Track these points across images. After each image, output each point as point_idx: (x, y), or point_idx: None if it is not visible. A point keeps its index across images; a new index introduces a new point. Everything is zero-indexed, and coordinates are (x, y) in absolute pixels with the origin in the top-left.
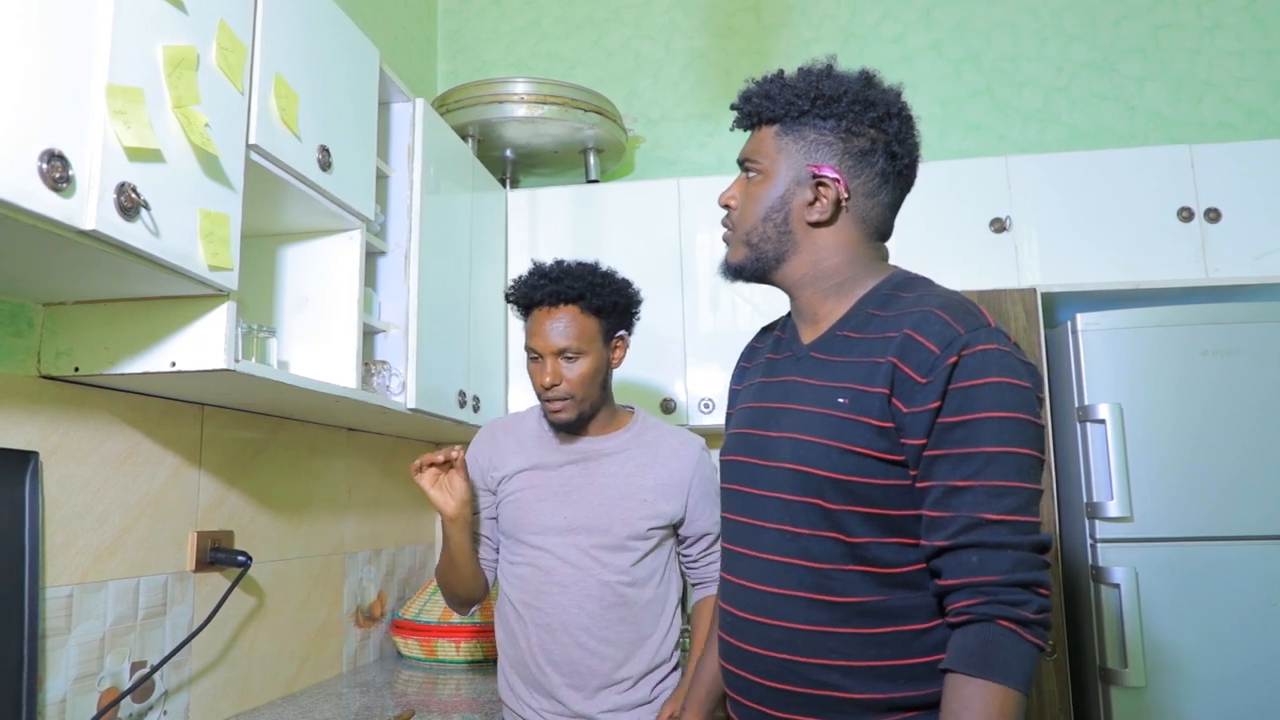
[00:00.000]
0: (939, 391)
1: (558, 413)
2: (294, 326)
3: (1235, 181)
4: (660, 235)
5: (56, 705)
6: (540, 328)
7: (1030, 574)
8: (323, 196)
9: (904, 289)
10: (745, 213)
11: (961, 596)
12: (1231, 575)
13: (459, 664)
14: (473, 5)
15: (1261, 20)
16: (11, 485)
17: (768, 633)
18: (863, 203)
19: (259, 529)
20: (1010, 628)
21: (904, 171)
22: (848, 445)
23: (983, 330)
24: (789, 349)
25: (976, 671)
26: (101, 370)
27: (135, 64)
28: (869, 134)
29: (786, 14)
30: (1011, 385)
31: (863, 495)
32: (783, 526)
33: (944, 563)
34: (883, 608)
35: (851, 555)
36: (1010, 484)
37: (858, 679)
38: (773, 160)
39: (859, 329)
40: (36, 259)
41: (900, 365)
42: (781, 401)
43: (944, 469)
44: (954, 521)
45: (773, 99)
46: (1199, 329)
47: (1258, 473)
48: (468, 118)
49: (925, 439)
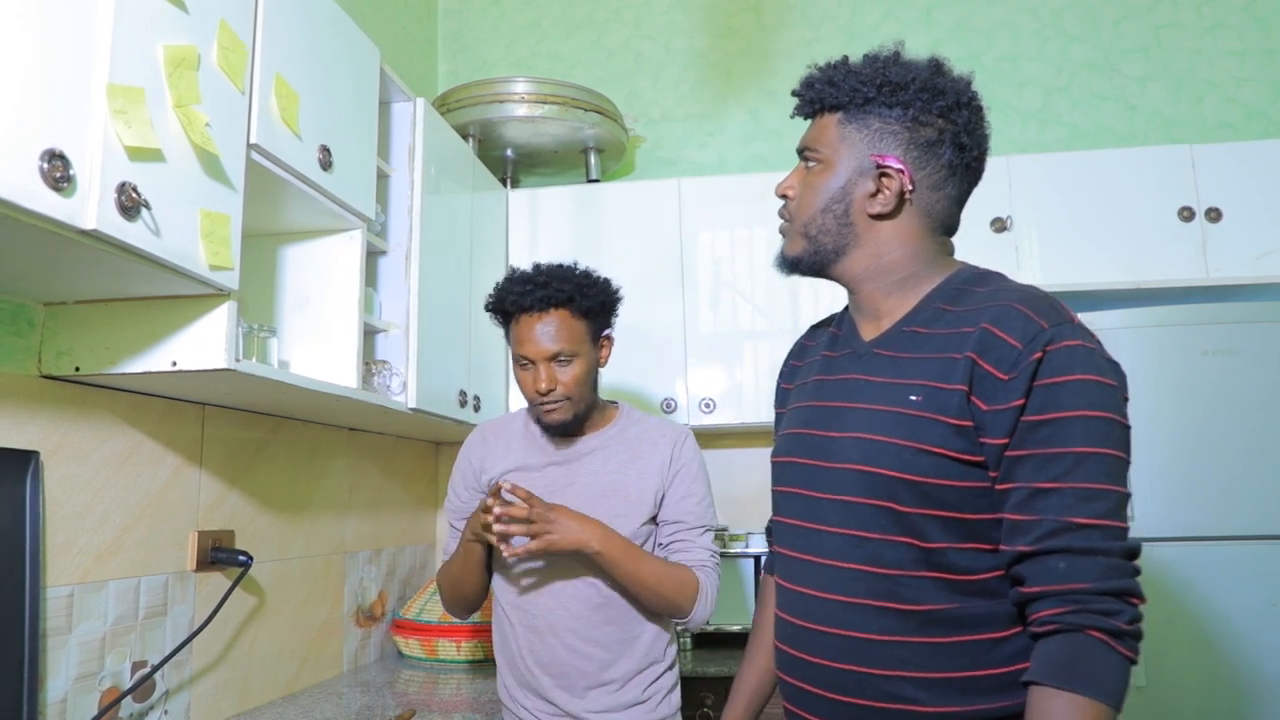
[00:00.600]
0: (1023, 389)
1: (553, 413)
2: (295, 326)
3: (1236, 181)
4: (661, 235)
5: (57, 705)
6: (530, 334)
7: (1123, 582)
8: (323, 196)
9: (975, 284)
10: (804, 203)
11: (1048, 605)
12: (1232, 575)
13: (460, 664)
14: (473, 5)
15: (1262, 20)
16: (12, 485)
17: (833, 643)
18: (927, 195)
19: (260, 529)
20: (1102, 638)
21: (972, 164)
22: (922, 445)
23: (1067, 325)
24: (848, 346)
25: (1066, 684)
26: (102, 370)
27: (136, 63)
28: (937, 124)
29: (787, 14)
30: (1099, 383)
31: (939, 498)
32: (848, 531)
33: (1028, 569)
34: (956, 615)
35: (925, 561)
36: (1100, 486)
37: (933, 691)
38: (834, 149)
39: (929, 324)
40: (37, 259)
41: (979, 361)
42: (843, 400)
43: (1028, 470)
44: (1039, 525)
45: (836, 85)
46: (1199, 329)
47: (1258, 473)
48: (468, 117)
49: (1007, 438)
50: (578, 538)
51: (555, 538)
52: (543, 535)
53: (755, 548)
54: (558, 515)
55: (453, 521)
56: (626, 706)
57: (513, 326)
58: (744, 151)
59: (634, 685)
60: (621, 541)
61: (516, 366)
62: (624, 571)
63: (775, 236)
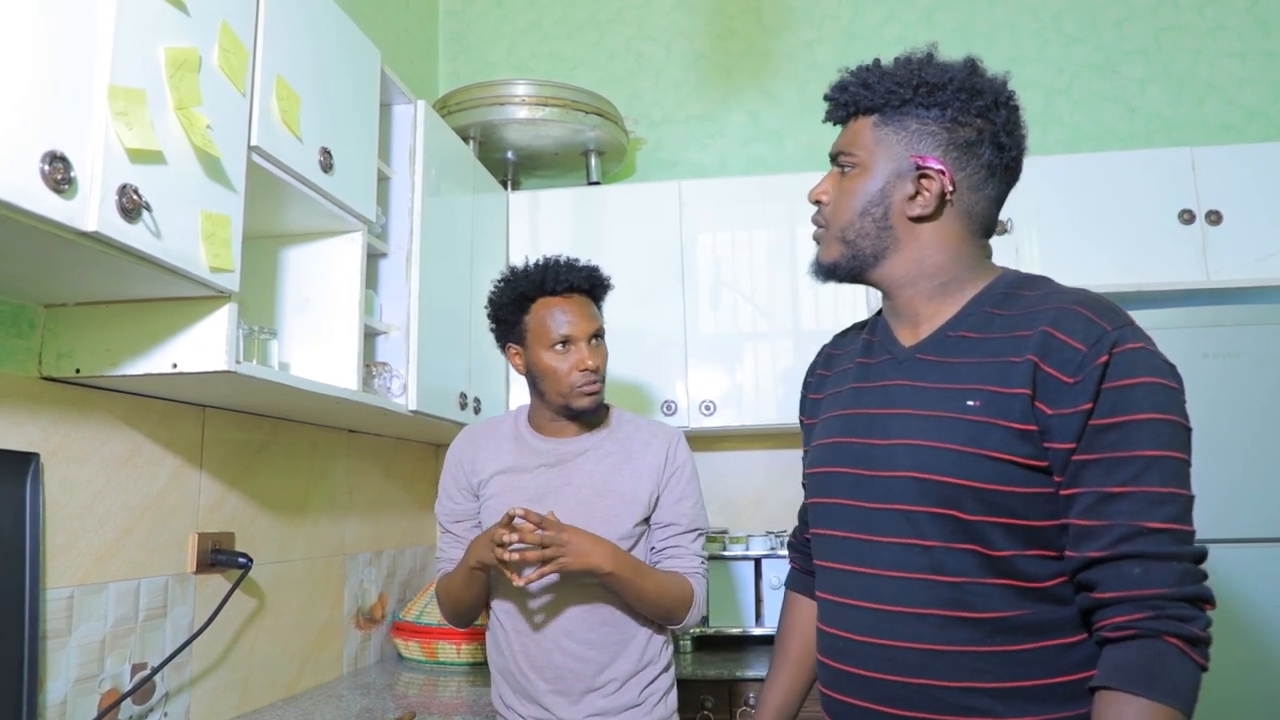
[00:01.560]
0: (1091, 392)
1: (594, 394)
2: (295, 328)
3: (1236, 184)
4: (661, 237)
5: (57, 707)
6: (571, 314)
7: (1197, 588)
8: (324, 198)
9: (1023, 287)
10: (840, 208)
11: (1124, 610)
12: (1233, 578)
13: (460, 666)
14: (474, 7)
15: (1263, 22)
16: (12, 486)
17: (897, 656)
18: (968, 196)
19: (260, 531)
20: (1178, 645)
21: (1011, 164)
22: (983, 450)
23: (1129, 328)
24: (885, 352)
25: (1142, 690)
26: (102, 371)
27: (137, 65)
28: (975, 124)
29: (788, 16)
30: (1164, 385)
31: (1003, 505)
32: (908, 540)
33: (1099, 574)
34: (1025, 622)
35: (993, 569)
36: (1170, 490)
37: (1008, 702)
38: (871, 152)
39: (979, 329)
40: (38, 260)
41: (1041, 364)
42: (886, 407)
43: (1096, 474)
44: (1111, 530)
45: (871, 88)
46: (1200, 331)
47: (1259, 475)
48: (469, 119)
49: (1075, 443)
50: (590, 560)
51: (568, 560)
52: (555, 559)
53: (755, 550)
54: (569, 537)
55: (446, 525)
56: (623, 709)
57: (539, 310)
58: (745, 153)
59: (630, 687)
60: (630, 560)
61: (548, 353)
62: (632, 590)
63: (776, 238)
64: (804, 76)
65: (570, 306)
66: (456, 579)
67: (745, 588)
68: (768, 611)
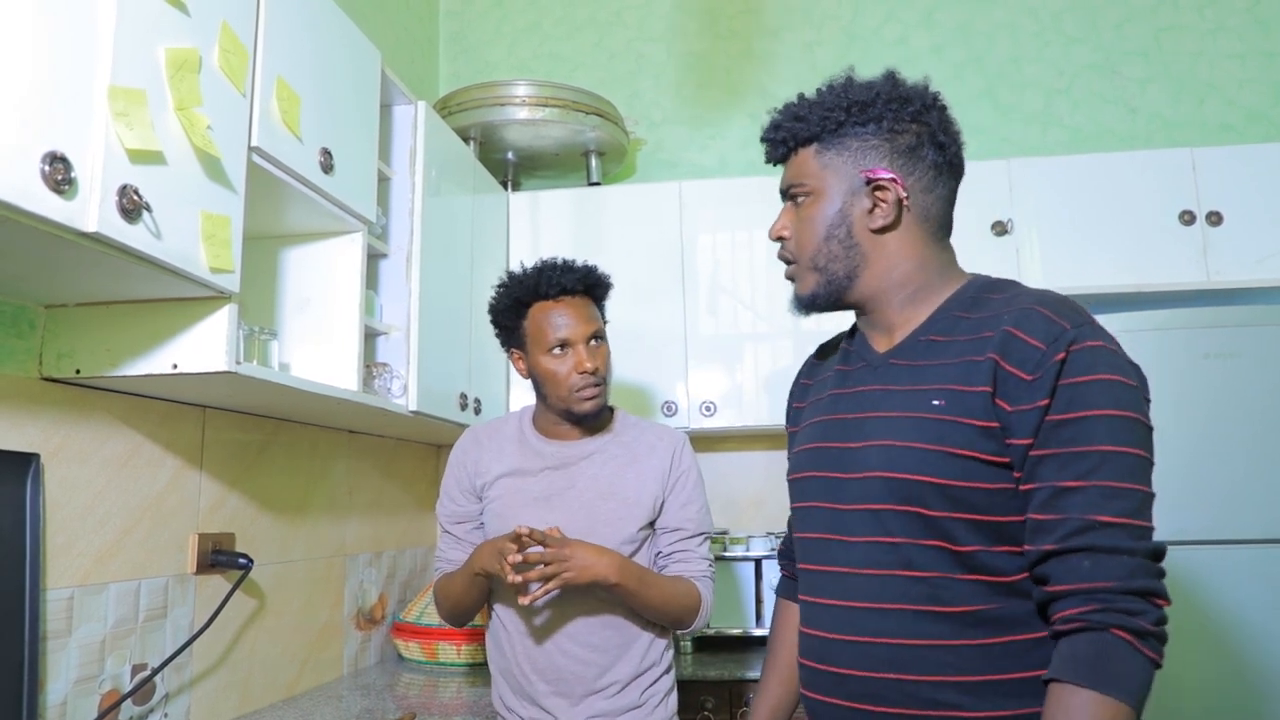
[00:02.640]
0: (1048, 388)
1: (595, 398)
2: (295, 329)
3: (1237, 184)
4: (662, 238)
5: (57, 708)
6: (569, 316)
7: (1148, 582)
8: (324, 199)
9: (991, 291)
10: (803, 238)
11: (1073, 603)
12: (1234, 578)
13: (460, 666)
14: (475, 7)
15: (1264, 23)
16: (13, 487)
17: (869, 652)
18: (922, 198)
19: (260, 531)
20: (1126, 638)
21: (953, 160)
22: (948, 448)
23: (1088, 326)
24: (861, 359)
25: (1088, 682)
26: (103, 372)
27: (138, 66)
28: (912, 129)
29: (788, 17)
30: (1122, 383)
31: (966, 500)
32: (877, 539)
33: (1052, 568)
34: (994, 616)
35: (960, 564)
36: (1124, 485)
37: (979, 696)
38: (820, 178)
39: (946, 332)
40: (38, 261)
41: (1002, 363)
42: (861, 411)
43: (1052, 469)
44: (1064, 524)
45: (805, 119)
46: (1200, 332)
47: (1259, 476)
48: (469, 120)
49: (1032, 438)
50: (596, 572)
51: (572, 575)
52: (560, 575)
53: (755, 551)
54: (573, 551)
55: (447, 526)
56: (623, 711)
57: (536, 315)
58: (745, 154)
59: (632, 690)
60: (635, 569)
61: (546, 357)
62: (639, 599)
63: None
64: (804, 78)
65: (566, 309)
66: (458, 582)
67: (745, 588)
68: (768, 612)
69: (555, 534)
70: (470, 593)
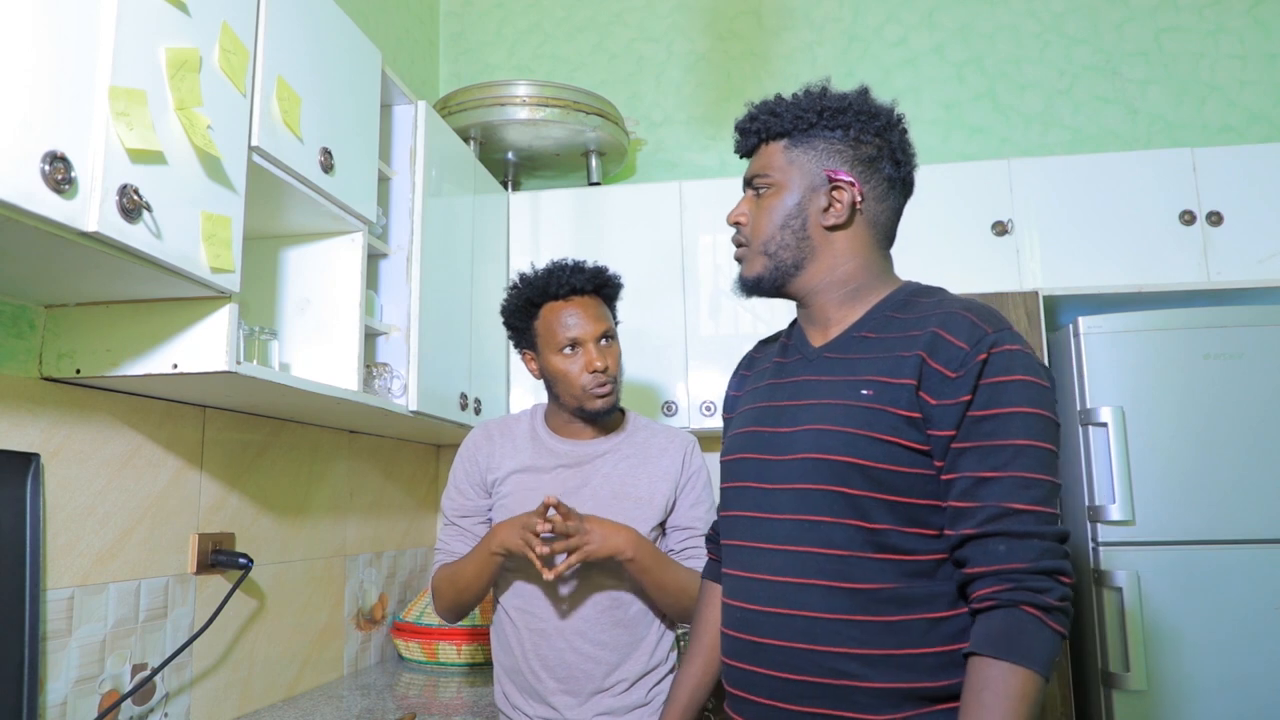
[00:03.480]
0: (969, 386)
1: (607, 396)
2: (296, 329)
3: (1237, 185)
4: (662, 238)
5: (57, 708)
6: (578, 315)
7: (1055, 562)
8: (325, 199)
9: (921, 295)
10: (759, 225)
11: (988, 583)
12: (1234, 579)
13: (460, 666)
14: (475, 8)
15: (1264, 23)
16: (13, 487)
17: (787, 623)
18: (874, 206)
19: (260, 531)
20: (1034, 614)
21: (906, 179)
22: (873, 433)
23: (1008, 331)
24: (798, 353)
25: (1001, 654)
26: (103, 372)
27: (138, 66)
28: (875, 141)
29: (789, 17)
30: (1035, 384)
31: (886, 482)
32: (800, 516)
33: (970, 551)
34: (901, 595)
35: (872, 542)
36: (1036, 476)
37: (875, 667)
38: (785, 172)
39: (878, 330)
40: (38, 261)
41: (929, 360)
42: (795, 399)
43: (972, 461)
44: (982, 511)
45: (780, 115)
46: (1201, 332)
47: (1260, 476)
48: (470, 120)
49: (954, 431)
50: (614, 544)
51: (593, 547)
52: (580, 547)
53: None
54: (591, 525)
55: (453, 519)
56: (630, 709)
57: (547, 315)
58: None
59: (639, 688)
60: (651, 548)
61: (557, 356)
62: (653, 578)
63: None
64: (804, 78)
65: (576, 309)
66: (468, 567)
67: None
68: None
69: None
70: (481, 578)
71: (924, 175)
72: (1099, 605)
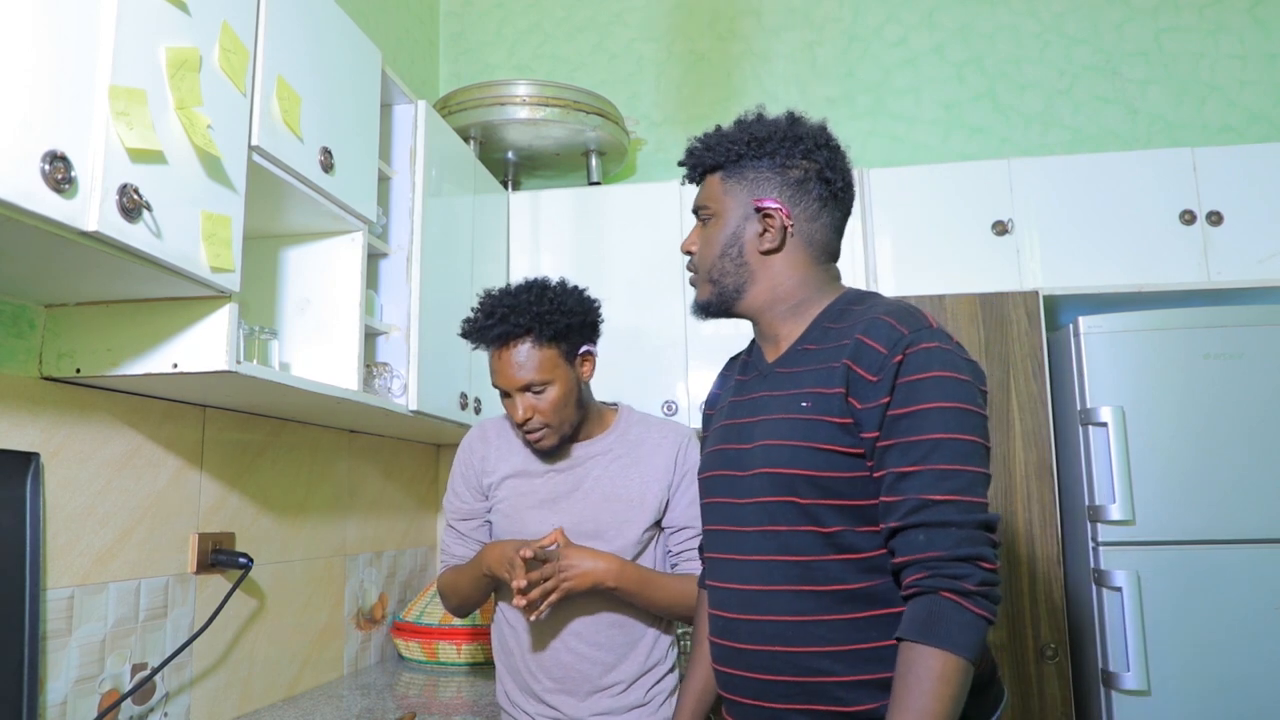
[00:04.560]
0: (888, 387)
1: (539, 441)
2: (296, 328)
3: (1237, 185)
4: (662, 237)
5: (57, 707)
6: (499, 366)
7: (973, 549)
8: (325, 198)
9: (856, 303)
10: (704, 254)
11: (911, 572)
12: (1234, 578)
13: (460, 666)
14: (475, 7)
15: (1264, 23)
16: (13, 487)
17: (760, 628)
18: (806, 226)
19: (260, 531)
20: (953, 599)
21: (839, 194)
22: (813, 443)
23: (925, 330)
24: (755, 369)
25: (921, 639)
26: (103, 372)
27: (138, 65)
28: (802, 165)
29: (789, 17)
30: (952, 378)
31: (831, 488)
32: (762, 528)
33: (896, 543)
34: (865, 593)
35: (829, 545)
36: (953, 467)
37: (847, 662)
38: (721, 203)
39: (817, 341)
40: (38, 260)
41: (853, 367)
42: (751, 416)
43: (894, 457)
44: (904, 504)
45: (712, 149)
46: (1201, 332)
47: (1260, 476)
48: (470, 120)
49: (878, 431)
50: (595, 578)
51: (572, 584)
52: (560, 586)
53: None
54: (571, 559)
55: (453, 522)
56: (628, 709)
57: (489, 355)
58: None
59: (637, 688)
60: (634, 571)
61: (500, 394)
62: (641, 599)
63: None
64: (805, 78)
65: (501, 360)
66: (465, 579)
67: None
68: None
69: (559, 537)
70: (477, 591)
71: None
72: (1099, 605)
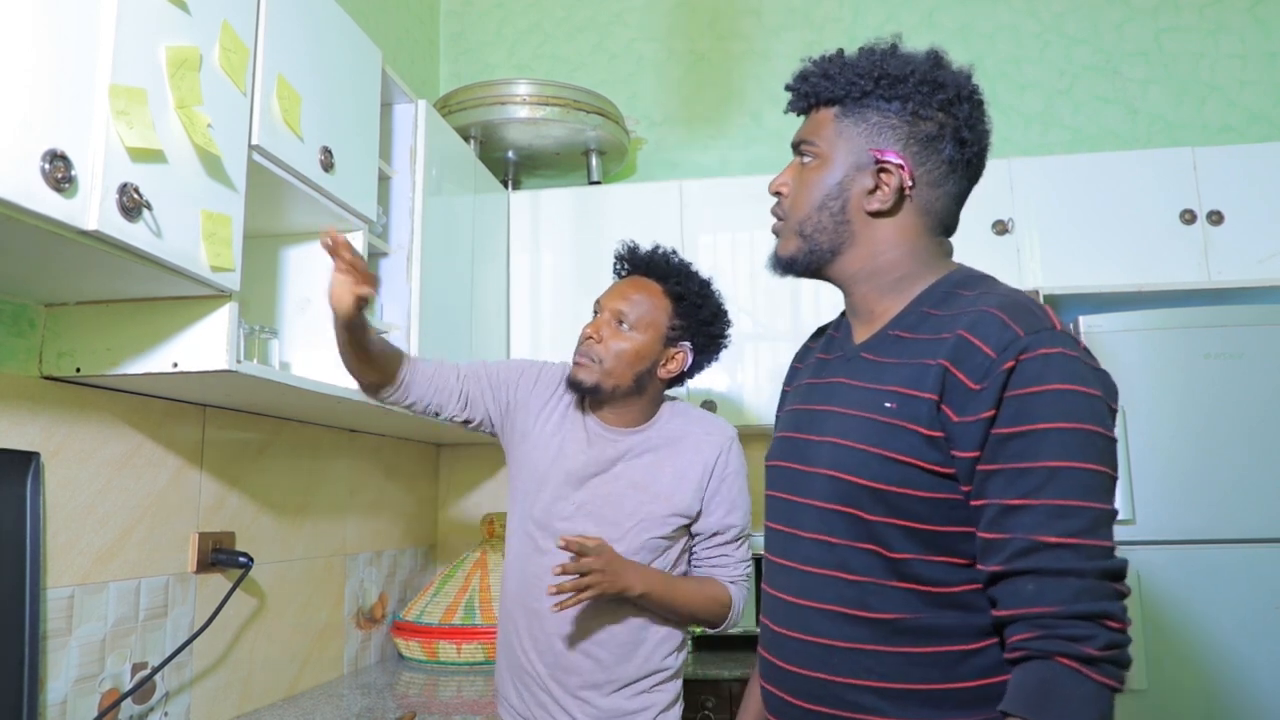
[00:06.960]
0: (993, 399)
1: (580, 368)
2: (296, 327)
3: (1238, 184)
4: (662, 237)
5: (58, 707)
6: (616, 285)
7: (1096, 605)
8: (325, 197)
9: (964, 287)
10: (798, 200)
11: (1017, 630)
12: (1234, 578)
13: (460, 666)
14: (476, 7)
15: (1264, 23)
16: (13, 486)
17: (805, 649)
18: (927, 192)
19: (260, 530)
20: (1072, 665)
21: (973, 160)
22: (892, 453)
23: (1045, 332)
24: (840, 349)
25: (1034, 715)
26: (103, 371)
27: (138, 64)
28: (937, 118)
29: (789, 16)
30: (1077, 392)
31: (903, 508)
32: (819, 536)
33: (999, 591)
34: (925, 626)
35: (893, 571)
36: (1074, 503)
37: (895, 702)
38: (831, 144)
39: (912, 328)
40: (38, 259)
41: (952, 369)
42: (826, 404)
43: (998, 486)
44: (1009, 545)
45: (832, 78)
46: (1202, 332)
47: (1260, 476)
48: (470, 119)
49: (978, 452)
50: (624, 584)
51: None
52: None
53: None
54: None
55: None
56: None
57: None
58: (745, 154)
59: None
60: (661, 579)
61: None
62: (665, 607)
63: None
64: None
65: (622, 280)
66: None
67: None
68: None
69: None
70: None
71: None
72: None
